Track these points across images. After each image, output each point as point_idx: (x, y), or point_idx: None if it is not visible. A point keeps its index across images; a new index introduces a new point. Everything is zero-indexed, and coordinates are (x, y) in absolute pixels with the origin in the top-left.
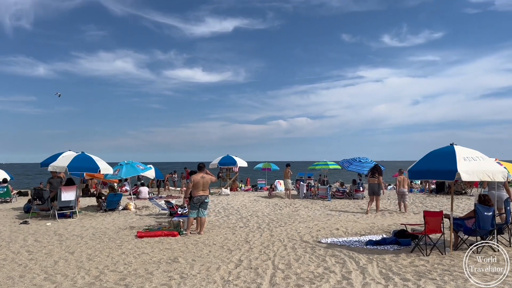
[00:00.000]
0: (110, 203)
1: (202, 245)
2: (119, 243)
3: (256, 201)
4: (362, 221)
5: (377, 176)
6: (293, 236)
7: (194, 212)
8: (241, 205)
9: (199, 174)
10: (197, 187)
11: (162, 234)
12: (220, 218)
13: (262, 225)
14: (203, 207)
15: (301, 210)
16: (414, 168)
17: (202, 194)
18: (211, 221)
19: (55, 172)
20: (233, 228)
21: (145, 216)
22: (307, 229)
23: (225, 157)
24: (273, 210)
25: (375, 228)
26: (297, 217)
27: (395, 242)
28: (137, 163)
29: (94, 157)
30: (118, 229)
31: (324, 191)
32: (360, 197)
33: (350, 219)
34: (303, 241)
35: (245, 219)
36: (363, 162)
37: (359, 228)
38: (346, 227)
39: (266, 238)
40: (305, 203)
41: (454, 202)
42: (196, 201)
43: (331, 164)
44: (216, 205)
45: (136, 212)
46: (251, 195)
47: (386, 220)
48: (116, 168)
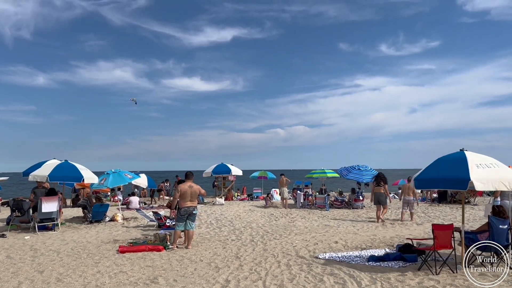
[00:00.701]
0: (96, 214)
1: (188, 261)
2: (98, 259)
3: (251, 211)
4: (363, 233)
5: (382, 184)
6: (288, 250)
7: (181, 225)
8: (235, 215)
9: (186, 183)
10: (184, 198)
11: (146, 249)
12: (212, 230)
13: (255, 238)
14: (191, 219)
15: (298, 220)
16: (421, 176)
17: (190, 205)
18: (202, 233)
19: (41, 182)
20: (224, 241)
21: (132, 228)
22: (304, 242)
23: (219, 166)
24: (269, 221)
25: (376, 240)
26: (293, 229)
27: (400, 258)
28: (125, 171)
29: (78, 165)
30: (100, 243)
31: (322, 201)
32: (360, 206)
33: (349, 230)
34: (299, 256)
35: (238, 231)
36: (363, 170)
37: (360, 241)
38: (345, 240)
39: (259, 253)
40: (302, 213)
41: (456, 212)
42: (183, 213)
43: (329, 172)
44: (209, 215)
45: (123, 223)
46: (246, 205)
47: (388, 232)
48: (103, 177)
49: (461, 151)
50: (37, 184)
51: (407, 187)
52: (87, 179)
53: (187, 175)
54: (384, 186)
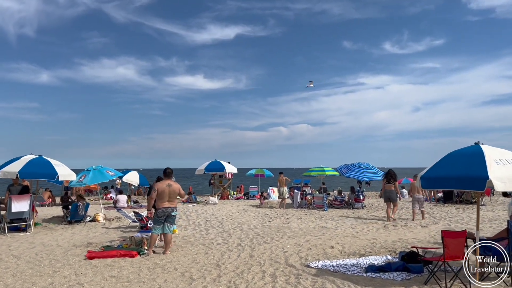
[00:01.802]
0: (75, 214)
1: (160, 270)
2: (58, 267)
3: (244, 211)
4: (362, 236)
5: (393, 182)
6: (277, 257)
7: (159, 228)
8: (227, 215)
9: (164, 182)
10: (162, 197)
11: (118, 255)
12: (198, 232)
13: (244, 242)
14: (169, 222)
15: (293, 222)
16: (429, 174)
17: (168, 205)
18: (186, 235)
19: (17, 179)
20: (208, 245)
21: (112, 230)
22: (296, 247)
23: (213, 163)
24: (262, 222)
25: (377, 245)
26: (287, 231)
27: (403, 268)
28: (107, 168)
29: (53, 161)
30: (71, 246)
31: (320, 200)
32: (360, 206)
33: (348, 233)
34: (288, 264)
35: (226, 233)
36: (364, 168)
37: (358, 246)
38: (342, 244)
39: (244, 260)
40: (298, 214)
41: (463, 213)
42: (161, 214)
43: (328, 170)
44: (199, 215)
45: (104, 224)
46: (240, 204)
47: (390, 235)
48: (82, 174)
49: (476, 144)
50: (12, 182)
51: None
52: (62, 176)
53: (166, 172)
54: (395, 183)
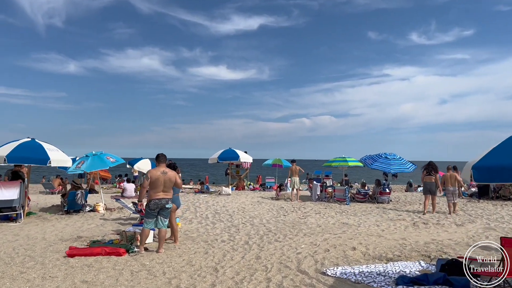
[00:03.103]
0: (72, 203)
1: (144, 275)
2: (28, 267)
3: (259, 204)
4: (389, 236)
5: (434, 174)
6: (288, 259)
7: (151, 222)
8: (238, 208)
9: (158, 169)
10: (155, 187)
11: (102, 252)
12: (204, 226)
13: (252, 239)
14: (163, 215)
15: (311, 216)
16: (484, 163)
17: (162, 196)
18: (189, 230)
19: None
20: (211, 242)
21: (110, 221)
22: (312, 247)
23: (227, 151)
24: (276, 216)
25: (406, 247)
26: (302, 227)
27: (444, 281)
28: (107, 154)
29: (46, 145)
30: (57, 240)
31: (341, 193)
32: (386, 201)
33: (372, 231)
34: (300, 271)
35: (234, 228)
36: (390, 159)
37: (385, 248)
38: (366, 245)
39: (248, 263)
40: (317, 208)
41: (502, 211)
42: (154, 207)
43: (350, 160)
44: (209, 207)
45: (103, 214)
46: (255, 196)
47: (421, 235)
48: (80, 160)
49: None
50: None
51: (449, 176)
52: (55, 161)
53: (159, 157)
54: (436, 176)
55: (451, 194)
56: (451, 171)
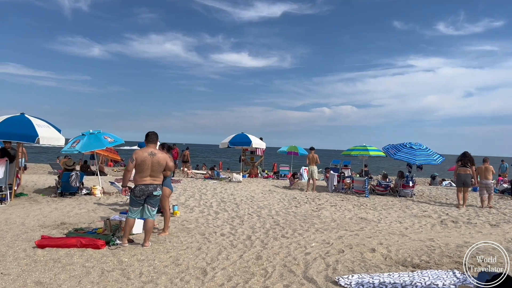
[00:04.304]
0: (66, 185)
1: (116, 276)
2: None
3: (270, 193)
4: (413, 235)
5: (470, 165)
6: (294, 262)
7: (136, 211)
8: (247, 196)
9: (146, 149)
10: (141, 170)
11: (78, 244)
12: (205, 215)
13: (256, 233)
14: (150, 204)
15: (325, 209)
16: None
17: (149, 182)
18: (188, 219)
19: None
20: (208, 236)
21: (104, 206)
22: (324, 246)
23: (239, 135)
24: (286, 207)
25: (435, 251)
26: (315, 221)
27: None
28: (106, 133)
29: (35, 120)
30: (36, 227)
31: (360, 184)
32: (409, 194)
33: (394, 229)
34: (306, 278)
35: (238, 219)
36: (416, 149)
37: (410, 250)
38: (387, 246)
39: (245, 264)
40: (333, 199)
41: None
42: (139, 193)
43: (372, 149)
44: (216, 195)
45: (99, 198)
46: (268, 184)
47: (451, 236)
48: (76, 139)
49: None
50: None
51: (484, 168)
52: (44, 139)
53: (149, 136)
54: (472, 168)
55: (485, 188)
56: (487, 164)
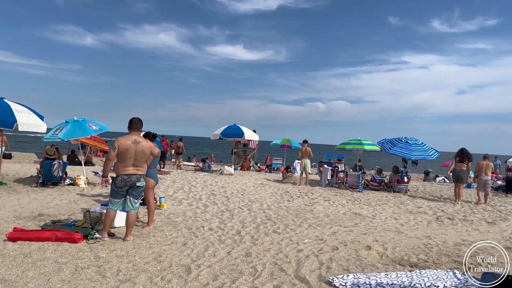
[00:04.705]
0: (48, 175)
1: (91, 274)
2: None
3: (262, 186)
4: (410, 232)
5: (467, 162)
6: (285, 259)
7: (117, 203)
8: (238, 190)
9: (129, 137)
10: (124, 159)
11: (52, 237)
12: (193, 208)
13: (246, 228)
14: (133, 195)
15: (319, 203)
16: None
17: (132, 172)
18: (175, 212)
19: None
20: (196, 230)
21: (87, 197)
22: (317, 243)
23: (231, 127)
24: (278, 201)
25: (433, 249)
26: (308, 216)
27: None
28: (90, 121)
29: (15, 106)
30: (12, 218)
31: (354, 179)
32: (403, 190)
33: (389, 225)
34: (298, 277)
35: (228, 213)
36: (411, 144)
37: (406, 248)
38: (383, 243)
39: (233, 262)
40: (326, 194)
41: None
42: (121, 184)
43: (367, 143)
44: (206, 187)
45: (83, 189)
46: (260, 177)
47: (448, 233)
48: (58, 127)
49: None
50: None
51: (485, 165)
52: (24, 125)
53: (132, 123)
54: (468, 164)
55: (482, 184)
56: (487, 160)
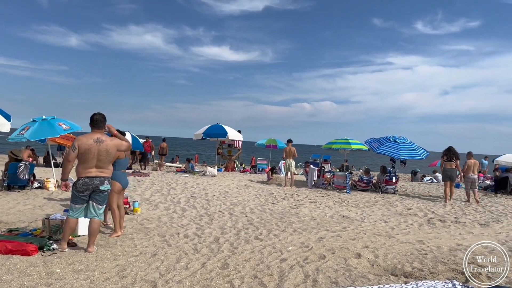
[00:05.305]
0: (14, 178)
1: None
2: None
3: (245, 188)
4: (401, 236)
5: (455, 160)
6: (266, 271)
7: (78, 210)
8: (221, 192)
9: (91, 135)
10: (85, 160)
11: (1, 250)
12: (170, 213)
13: (226, 235)
14: (96, 200)
15: (304, 206)
16: None
17: (95, 174)
18: (150, 218)
19: None
20: (169, 238)
21: (54, 202)
22: (303, 250)
23: (214, 126)
24: (263, 204)
25: (428, 256)
26: (293, 220)
27: None
28: (60, 120)
29: None
30: None
31: (341, 180)
32: (392, 190)
33: (380, 229)
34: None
35: (207, 218)
36: (400, 144)
37: (399, 255)
38: (374, 250)
39: (206, 276)
40: (312, 195)
41: None
42: (82, 188)
43: (354, 143)
44: (186, 189)
45: (52, 193)
46: (244, 179)
47: (441, 237)
48: (25, 126)
49: None
50: None
51: (473, 163)
52: None
53: (94, 119)
54: (456, 162)
55: (470, 182)
56: (473, 158)
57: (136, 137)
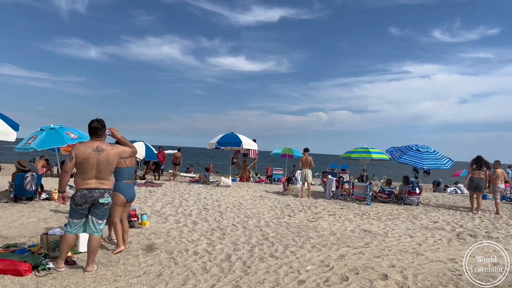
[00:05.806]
0: (20, 189)
1: None
2: None
3: (261, 199)
4: (430, 253)
5: (485, 169)
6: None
7: (76, 225)
8: (234, 203)
9: (90, 144)
10: (84, 171)
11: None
12: (180, 227)
13: (238, 252)
14: (95, 215)
15: (323, 219)
16: None
17: (95, 186)
18: (158, 232)
19: None
20: (177, 255)
21: (60, 214)
22: (323, 270)
23: (228, 135)
24: (278, 216)
25: (462, 277)
26: (311, 235)
27: None
28: (68, 129)
29: None
30: None
31: (361, 190)
32: (415, 202)
33: (405, 245)
34: None
35: (219, 232)
36: (423, 152)
37: (430, 275)
38: (402, 270)
39: None
40: (331, 207)
41: None
42: (81, 201)
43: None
44: (198, 201)
45: (59, 205)
46: (259, 189)
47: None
48: (32, 135)
49: None
50: None
51: (501, 173)
52: None
53: (92, 128)
54: (486, 172)
55: (499, 192)
56: (500, 168)
57: (150, 147)
